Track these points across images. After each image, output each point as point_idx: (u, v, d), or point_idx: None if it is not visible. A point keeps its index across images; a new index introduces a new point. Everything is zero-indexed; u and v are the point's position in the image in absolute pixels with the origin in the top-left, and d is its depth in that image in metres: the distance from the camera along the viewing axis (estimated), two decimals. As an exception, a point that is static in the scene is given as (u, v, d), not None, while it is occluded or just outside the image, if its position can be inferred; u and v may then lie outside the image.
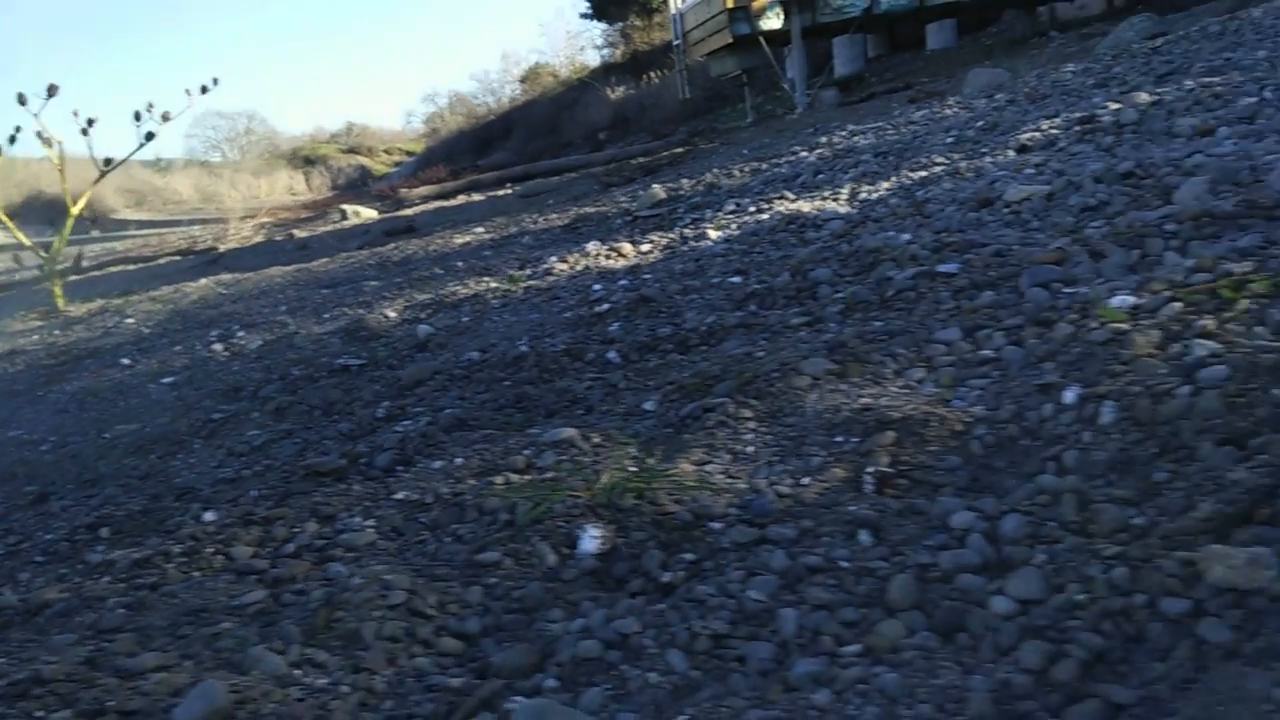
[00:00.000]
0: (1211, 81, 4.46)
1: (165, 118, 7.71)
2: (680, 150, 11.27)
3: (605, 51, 27.15)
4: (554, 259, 4.37)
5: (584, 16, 26.50)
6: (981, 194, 3.62)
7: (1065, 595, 1.39)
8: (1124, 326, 2.00)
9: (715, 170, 6.97)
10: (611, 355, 2.72)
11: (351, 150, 29.40)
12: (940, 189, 4.07)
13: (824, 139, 6.92)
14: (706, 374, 2.34)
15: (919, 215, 3.65)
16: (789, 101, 12.08)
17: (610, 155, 13.79)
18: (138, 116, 7.66)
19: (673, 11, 14.19)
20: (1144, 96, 4.52)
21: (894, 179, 4.66)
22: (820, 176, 5.46)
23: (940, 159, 4.84)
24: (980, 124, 5.61)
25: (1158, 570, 1.35)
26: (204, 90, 7.98)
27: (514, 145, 24.04)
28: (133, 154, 8.01)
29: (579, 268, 4.08)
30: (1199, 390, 1.74)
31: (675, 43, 14.23)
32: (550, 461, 2.02)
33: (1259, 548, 1.30)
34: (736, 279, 3.27)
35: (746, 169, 6.61)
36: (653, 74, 21.18)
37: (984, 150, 4.71)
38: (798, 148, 6.93)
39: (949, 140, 5.36)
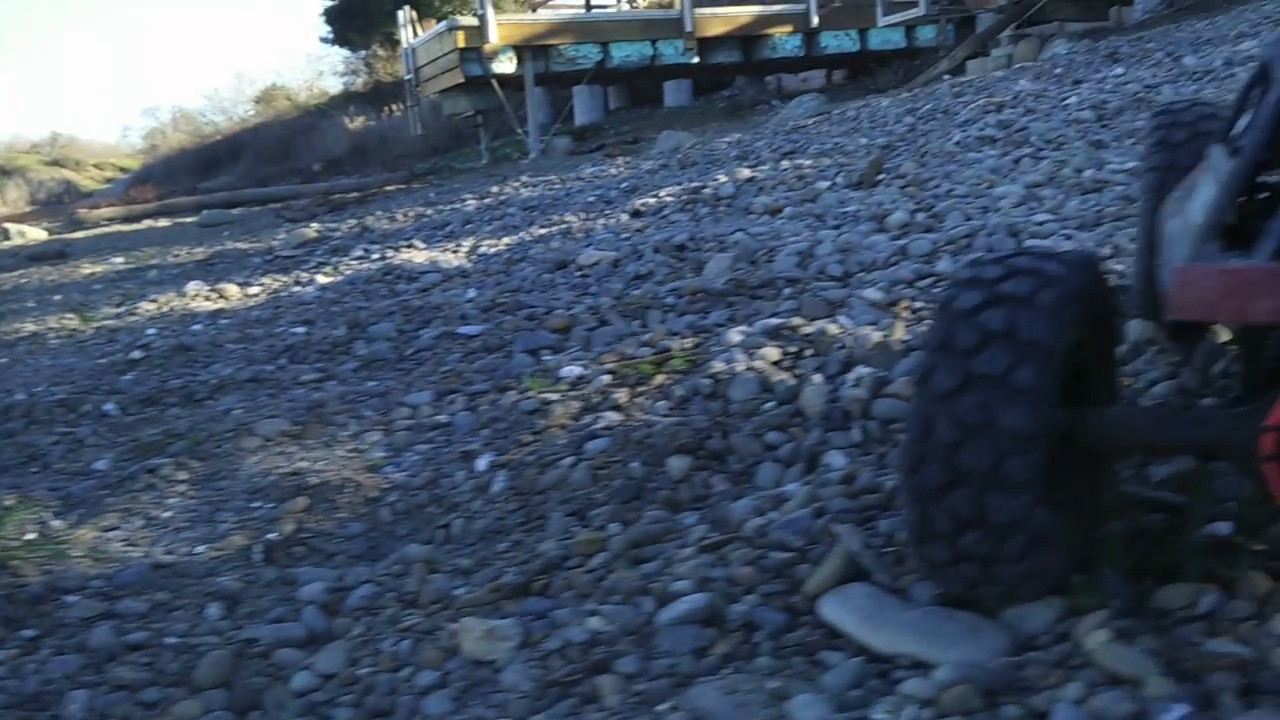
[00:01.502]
0: (803, 164, 4.88)
1: None
2: (389, 188, 11.10)
3: (346, 79, 26.41)
4: (152, 298, 4.14)
5: (324, 41, 25.71)
6: (562, 256, 3.76)
7: (354, 669, 1.42)
8: (553, 397, 2.11)
9: (383, 212, 6.91)
10: (109, 407, 2.59)
11: (55, 163, 26.93)
12: (546, 247, 4.20)
13: (495, 189, 7.01)
14: (171, 432, 2.26)
15: (504, 274, 3.74)
16: (526, 146, 12.18)
17: (325, 188, 13.37)
18: None
19: (404, 46, 13.96)
20: (745, 172, 4.88)
21: (520, 234, 4.77)
22: (468, 226, 5.50)
23: (570, 217, 5.00)
24: (625, 185, 5.87)
25: (434, 642, 1.41)
26: None
27: (243, 169, 22.79)
28: None
29: (166, 309, 3.89)
30: (579, 462, 1.85)
31: (408, 78, 14.00)
32: (-63, 527, 1.87)
33: (504, 620, 1.38)
34: (300, 329, 3.21)
35: (413, 214, 6.58)
36: (394, 106, 20.80)
37: (608, 212, 4.92)
38: (468, 196, 6.98)
39: (590, 199, 5.56)
